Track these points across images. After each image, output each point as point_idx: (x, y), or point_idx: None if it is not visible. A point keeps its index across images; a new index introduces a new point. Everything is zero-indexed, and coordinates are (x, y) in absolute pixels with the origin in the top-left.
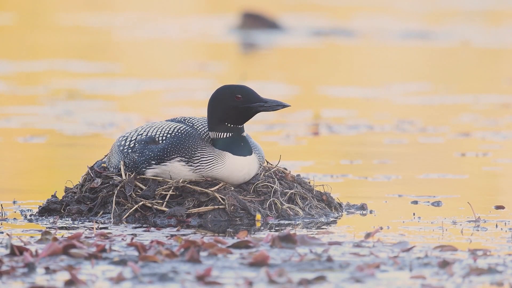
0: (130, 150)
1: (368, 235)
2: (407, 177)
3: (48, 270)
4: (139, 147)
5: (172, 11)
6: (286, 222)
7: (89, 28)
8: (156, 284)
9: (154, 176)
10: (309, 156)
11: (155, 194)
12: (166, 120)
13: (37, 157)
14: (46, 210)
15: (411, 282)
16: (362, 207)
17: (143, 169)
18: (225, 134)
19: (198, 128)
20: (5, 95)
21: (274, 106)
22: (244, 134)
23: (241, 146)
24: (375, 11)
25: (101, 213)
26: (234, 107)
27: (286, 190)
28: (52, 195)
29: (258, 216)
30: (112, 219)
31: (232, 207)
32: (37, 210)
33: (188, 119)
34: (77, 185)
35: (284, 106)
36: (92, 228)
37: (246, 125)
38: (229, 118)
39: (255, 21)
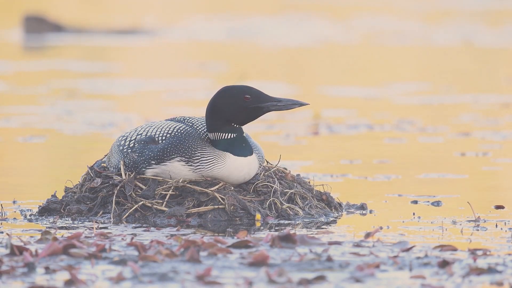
0: (130, 150)
1: (368, 235)
2: (407, 177)
3: (48, 270)
4: (139, 147)
5: None
6: (286, 222)
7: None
8: (156, 284)
9: (154, 176)
10: (309, 156)
11: (155, 194)
12: (166, 120)
13: (37, 157)
14: (46, 210)
15: (411, 282)
16: (362, 207)
17: (143, 169)
18: (228, 134)
19: (198, 128)
20: (5, 95)
21: (289, 105)
22: (244, 134)
23: (243, 147)
24: (375, 11)
25: (101, 213)
26: (243, 108)
27: (286, 190)
28: (52, 195)
29: (258, 216)
30: (112, 219)
31: (232, 207)
32: (37, 210)
33: (188, 118)
34: (77, 185)
35: (301, 104)
36: (92, 228)
37: (245, 125)
38: (236, 119)
39: (38, 24)
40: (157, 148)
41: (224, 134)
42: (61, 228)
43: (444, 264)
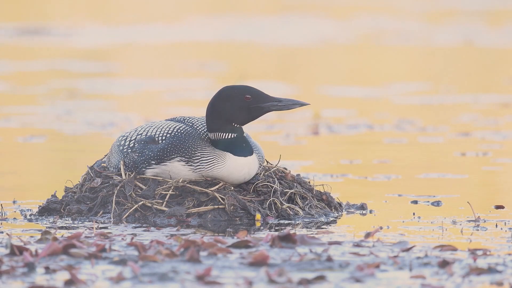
0: (130, 150)
1: (368, 235)
2: (407, 177)
3: (48, 270)
4: (139, 147)
5: None
6: (286, 221)
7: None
8: (156, 283)
9: (154, 176)
10: (309, 156)
11: (155, 193)
12: (166, 120)
13: (37, 157)
14: (46, 210)
15: (411, 282)
16: (362, 207)
17: (143, 169)
18: (229, 134)
19: (198, 128)
20: (5, 95)
21: (290, 105)
22: (244, 134)
23: (243, 147)
24: (375, 11)
25: (101, 212)
26: (244, 108)
27: (286, 190)
28: (52, 195)
29: (258, 216)
30: (112, 219)
31: (232, 207)
32: (37, 210)
33: (188, 118)
34: (77, 185)
35: (301, 104)
36: (92, 227)
37: (245, 125)
38: (237, 119)
39: None
40: (157, 148)
41: (224, 134)
42: (61, 228)
43: (444, 264)
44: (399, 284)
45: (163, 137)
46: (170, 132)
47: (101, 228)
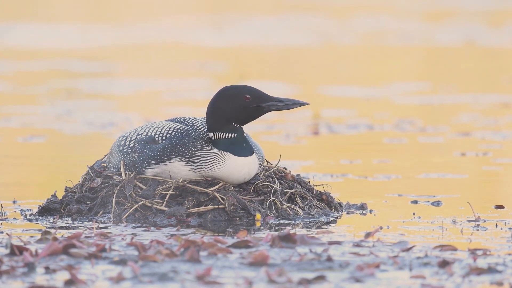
0: (130, 150)
1: (368, 235)
2: (407, 177)
3: (48, 270)
4: (139, 147)
5: None
6: (286, 221)
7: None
8: (156, 283)
9: (154, 175)
10: (309, 156)
11: (155, 193)
12: (166, 120)
13: (37, 157)
14: (46, 210)
15: (411, 282)
16: (362, 207)
17: (143, 169)
18: (229, 134)
19: (198, 128)
20: (5, 95)
21: (289, 105)
22: (244, 134)
23: (243, 147)
24: (375, 11)
25: (101, 212)
26: (244, 107)
27: (286, 190)
28: (52, 195)
29: (258, 216)
30: (112, 219)
31: (232, 207)
32: (37, 210)
33: (188, 119)
34: (77, 184)
35: (301, 104)
36: (92, 227)
37: (245, 125)
38: (237, 119)
39: None
40: (157, 148)
41: (224, 134)
42: (61, 228)
43: (444, 264)
44: (399, 284)
45: (163, 137)
46: (170, 132)
47: (101, 228)
